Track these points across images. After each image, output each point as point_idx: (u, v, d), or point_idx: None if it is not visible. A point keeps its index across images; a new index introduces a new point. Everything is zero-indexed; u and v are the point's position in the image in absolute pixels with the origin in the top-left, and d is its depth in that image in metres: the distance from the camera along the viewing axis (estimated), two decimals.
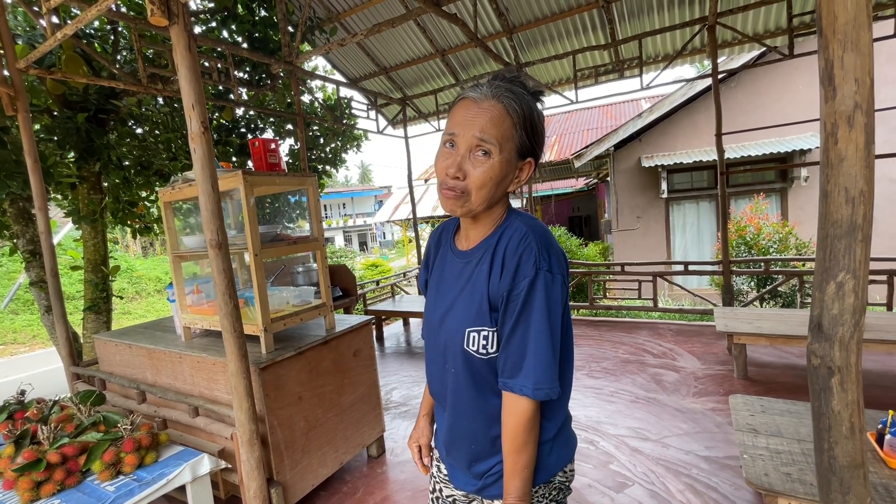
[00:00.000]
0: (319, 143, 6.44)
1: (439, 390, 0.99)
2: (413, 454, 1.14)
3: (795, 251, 5.38)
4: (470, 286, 0.90)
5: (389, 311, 5.14)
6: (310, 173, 2.35)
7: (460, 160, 0.84)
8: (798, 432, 1.84)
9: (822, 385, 0.81)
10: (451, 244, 1.00)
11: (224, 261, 1.72)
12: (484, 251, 0.89)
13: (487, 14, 4.76)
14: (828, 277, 0.78)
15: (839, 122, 0.75)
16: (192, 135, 1.67)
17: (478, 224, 0.92)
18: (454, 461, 1.00)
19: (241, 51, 3.91)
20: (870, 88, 0.74)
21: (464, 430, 0.95)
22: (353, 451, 2.44)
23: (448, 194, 0.85)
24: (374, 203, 34.52)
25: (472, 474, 0.96)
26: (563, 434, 0.95)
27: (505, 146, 0.83)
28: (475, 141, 0.82)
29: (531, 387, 0.81)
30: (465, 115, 0.83)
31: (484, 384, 0.90)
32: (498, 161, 0.83)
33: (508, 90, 0.83)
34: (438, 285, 0.99)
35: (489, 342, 0.86)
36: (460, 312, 0.90)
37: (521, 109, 0.83)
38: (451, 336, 0.91)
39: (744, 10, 4.01)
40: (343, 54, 5.77)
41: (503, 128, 0.82)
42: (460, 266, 0.94)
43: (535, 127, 0.86)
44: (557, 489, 0.94)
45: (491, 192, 0.85)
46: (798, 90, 6.76)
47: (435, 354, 0.98)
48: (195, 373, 2.20)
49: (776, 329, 3.08)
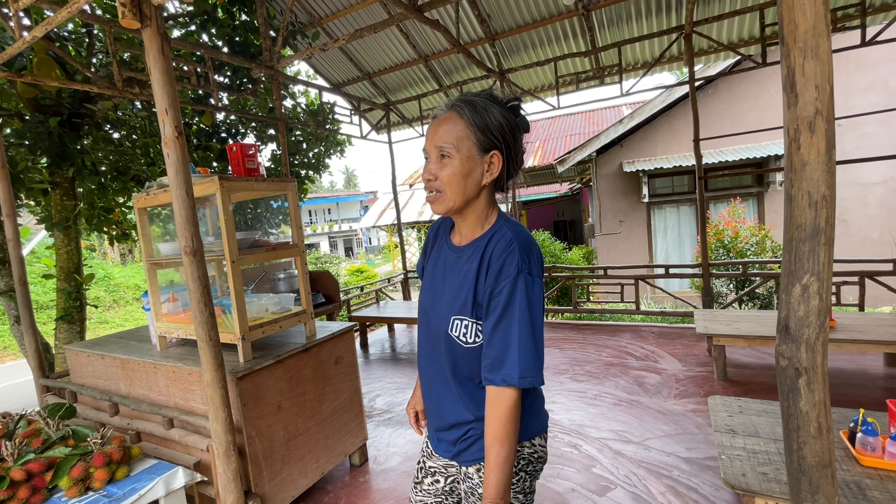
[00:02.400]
0: (302, 148, 6.39)
1: (426, 367, 1.11)
2: (410, 418, 1.29)
3: (772, 254, 5.51)
4: (460, 279, 1.01)
5: (374, 318, 5.10)
6: (289, 178, 2.32)
7: (431, 167, 0.99)
8: (774, 432, 1.88)
9: (790, 386, 0.82)
10: (448, 238, 1.11)
11: (199, 268, 1.68)
12: (474, 250, 1.00)
13: (469, 20, 4.80)
14: (793, 280, 0.80)
15: (801, 127, 0.77)
16: (165, 139, 1.63)
17: (467, 220, 1.03)
18: (434, 430, 1.13)
19: (220, 55, 3.85)
20: (830, 95, 0.75)
21: (441, 403, 1.08)
22: (335, 460, 2.40)
23: (430, 197, 1.01)
24: (359, 208, 34.34)
25: (448, 441, 1.08)
26: (533, 408, 1.05)
27: (461, 145, 0.96)
28: (437, 149, 0.97)
29: (517, 375, 0.89)
30: (430, 132, 1.00)
31: (461, 368, 1.01)
32: (458, 159, 0.96)
33: (461, 100, 0.97)
34: (433, 273, 1.11)
35: (469, 332, 0.98)
36: (449, 300, 1.02)
37: (472, 112, 0.96)
38: (439, 320, 1.03)
39: (718, 19, 4.12)
40: (326, 59, 5.74)
41: (457, 130, 0.96)
42: (453, 259, 1.06)
43: (489, 124, 0.96)
44: (526, 460, 1.03)
45: (460, 186, 0.97)
46: (772, 96, 6.96)
47: (425, 334, 1.10)
48: (170, 383, 2.14)
49: (754, 330, 3.14)
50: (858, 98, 6.48)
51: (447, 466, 1.15)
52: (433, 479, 1.17)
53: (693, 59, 4.31)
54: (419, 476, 1.21)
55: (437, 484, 1.16)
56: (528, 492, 1.04)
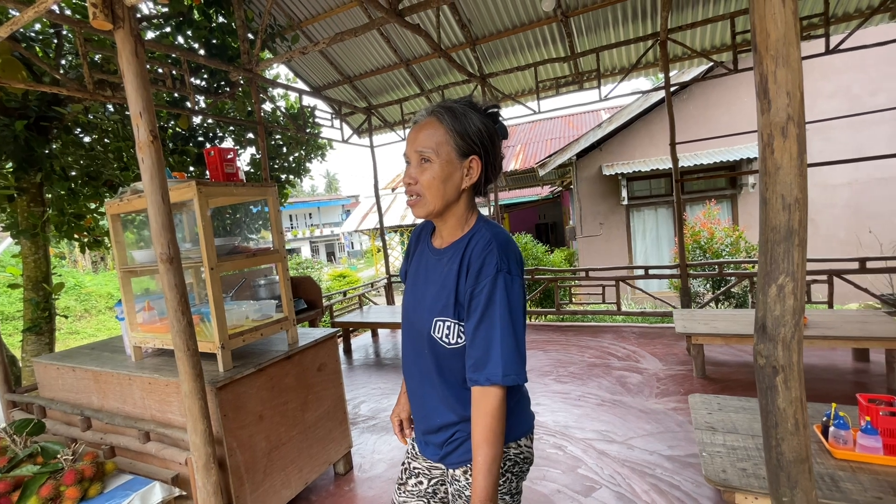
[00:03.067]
0: (282, 152, 6.30)
1: (411, 370, 1.11)
2: (394, 426, 1.30)
3: (746, 254, 5.68)
4: (441, 281, 1.02)
5: (357, 323, 5.05)
6: (270, 183, 2.29)
7: (412, 171, 1.01)
8: (752, 428, 1.92)
9: (767, 384, 0.84)
10: (429, 241, 1.13)
11: (176, 276, 1.63)
12: (454, 252, 1.02)
13: (450, 25, 4.82)
14: (769, 281, 0.82)
15: (774, 133, 0.79)
16: (139, 144, 1.58)
17: (447, 223, 1.04)
18: (421, 433, 1.13)
19: (197, 57, 3.78)
20: (800, 101, 0.78)
21: (427, 405, 1.08)
22: (319, 469, 2.36)
23: (410, 201, 1.02)
24: (341, 213, 34.03)
25: (435, 444, 1.09)
26: (518, 409, 1.06)
27: (441, 150, 0.98)
28: (417, 154, 0.99)
29: (500, 374, 0.90)
30: (410, 137, 1.02)
31: (445, 369, 1.02)
32: (438, 164, 0.98)
33: (441, 106, 0.99)
34: (416, 276, 1.12)
35: (451, 333, 0.99)
36: (430, 302, 1.03)
37: (451, 118, 0.98)
38: (422, 323, 1.04)
39: (692, 27, 4.24)
40: (306, 62, 5.69)
41: (436, 136, 0.98)
42: (434, 261, 1.07)
43: (468, 129, 0.98)
44: (512, 461, 1.04)
45: (440, 189, 0.98)
46: (744, 102, 7.19)
47: (409, 338, 1.11)
48: (146, 395, 2.07)
49: (730, 329, 3.23)
50: (824, 104, 6.76)
51: (431, 468, 1.16)
52: (417, 481, 1.18)
53: (668, 65, 4.42)
54: (403, 477, 1.22)
55: (420, 485, 1.17)
56: (514, 493, 1.05)
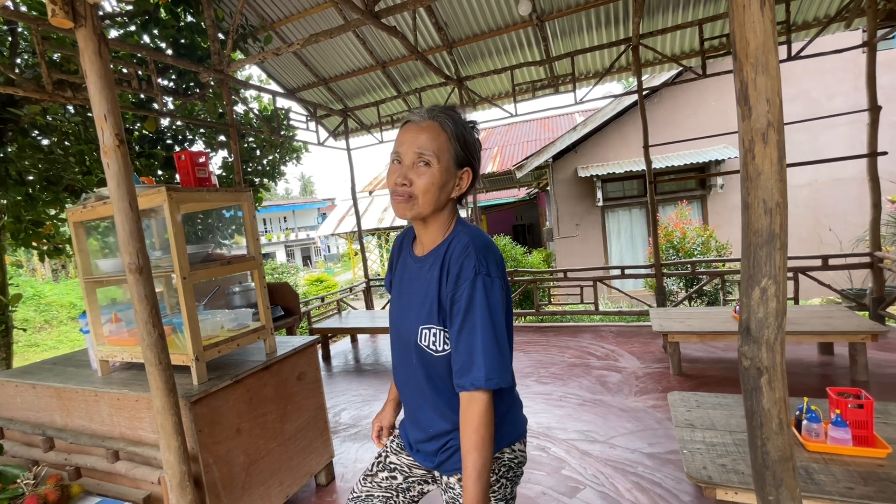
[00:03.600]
0: (256, 155, 6.15)
1: (402, 380, 1.11)
2: (373, 431, 1.31)
3: (716, 253, 5.87)
4: (424, 288, 1.01)
5: (336, 329, 4.96)
6: (244, 188, 2.22)
7: (405, 170, 0.98)
8: (729, 424, 1.97)
9: (752, 385, 0.85)
10: (410, 250, 1.12)
11: (145, 287, 1.56)
12: (435, 258, 1.01)
13: (427, 28, 4.81)
14: (752, 284, 0.83)
15: (755, 138, 0.81)
16: (105, 148, 1.50)
17: (429, 229, 1.04)
18: (416, 441, 1.12)
19: (164, 57, 3.65)
20: (779, 108, 0.80)
21: (419, 415, 1.09)
22: (301, 481, 2.29)
23: (398, 199, 0.98)
24: (317, 216, 33.53)
25: (429, 452, 1.08)
26: (511, 415, 1.06)
27: (442, 157, 0.97)
28: (416, 155, 0.97)
29: (483, 378, 0.89)
30: (407, 136, 0.99)
31: (435, 377, 1.02)
32: (437, 169, 0.96)
33: (443, 112, 1.00)
34: (400, 286, 1.12)
35: (438, 340, 0.98)
36: (415, 311, 1.02)
37: (454, 126, 0.98)
38: (409, 332, 1.04)
39: (662, 32, 4.36)
40: (280, 64, 5.57)
41: (439, 141, 0.97)
42: (416, 270, 1.06)
43: (468, 140, 1.00)
44: (507, 466, 1.04)
45: (435, 196, 0.97)
46: (711, 105, 7.45)
47: (398, 348, 1.11)
48: (115, 412, 1.97)
49: (705, 326, 3.32)
50: (785, 108, 7.05)
51: (412, 467, 1.16)
52: (390, 475, 1.18)
53: (640, 69, 4.53)
54: (374, 469, 1.21)
55: (392, 480, 1.17)
56: (509, 498, 1.05)
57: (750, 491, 1.57)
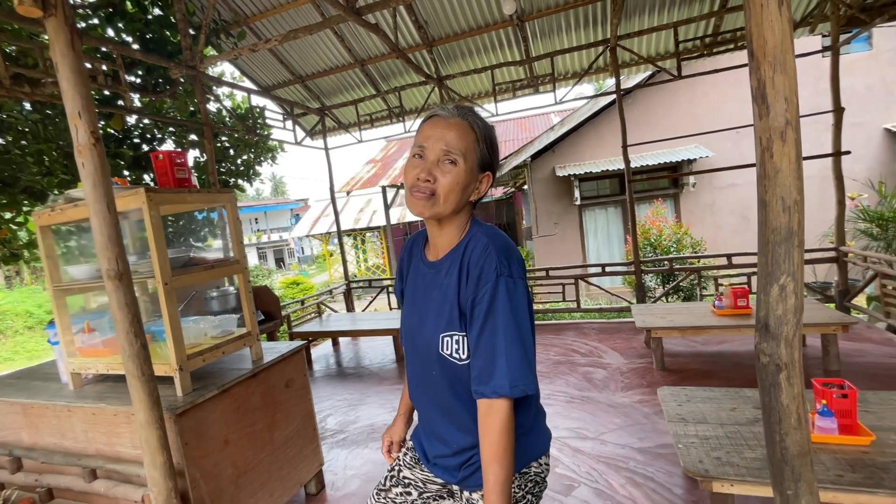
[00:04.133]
0: (230, 154, 5.96)
1: (419, 392, 1.06)
2: (383, 446, 1.26)
3: (691, 249, 6.05)
4: (441, 294, 0.97)
5: (318, 332, 4.85)
6: (226, 189, 2.12)
7: (429, 166, 0.92)
8: (719, 417, 2.02)
9: (771, 381, 0.86)
10: (422, 256, 1.07)
11: (126, 294, 1.46)
12: (451, 261, 0.97)
13: (407, 26, 4.76)
14: (771, 281, 0.84)
15: (773, 137, 0.81)
16: (79, 147, 1.40)
17: (444, 232, 0.99)
18: (436, 457, 1.07)
19: (133, 52, 3.46)
20: (796, 107, 0.81)
21: (440, 430, 1.03)
22: (291, 491, 2.22)
23: (419, 196, 0.92)
24: (289, 217, 32.85)
25: (451, 468, 1.03)
26: (537, 426, 1.02)
27: (468, 157, 0.93)
28: (443, 152, 0.92)
29: (507, 385, 0.85)
30: (435, 130, 0.93)
31: (459, 387, 0.96)
32: (463, 170, 0.92)
33: (470, 112, 0.96)
34: (413, 294, 1.06)
35: (461, 347, 0.93)
36: (434, 319, 0.97)
37: (482, 127, 0.96)
38: (428, 342, 0.98)
39: (639, 34, 4.45)
40: (254, 61, 5.40)
41: (467, 141, 0.93)
42: (431, 275, 1.01)
43: (493, 143, 0.98)
44: (533, 481, 1.00)
45: (457, 196, 0.93)
46: (683, 107, 7.67)
47: (415, 359, 1.05)
48: (90, 427, 1.85)
49: (686, 322, 3.40)
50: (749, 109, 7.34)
51: (427, 482, 1.12)
52: (404, 491, 1.13)
53: (619, 70, 4.61)
54: (387, 483, 1.17)
55: (406, 496, 1.13)
56: None
57: (745, 483, 1.61)
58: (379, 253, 15.39)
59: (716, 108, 7.64)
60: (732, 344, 3.92)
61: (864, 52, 7.48)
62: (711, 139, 7.27)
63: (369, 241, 15.55)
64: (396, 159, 12.22)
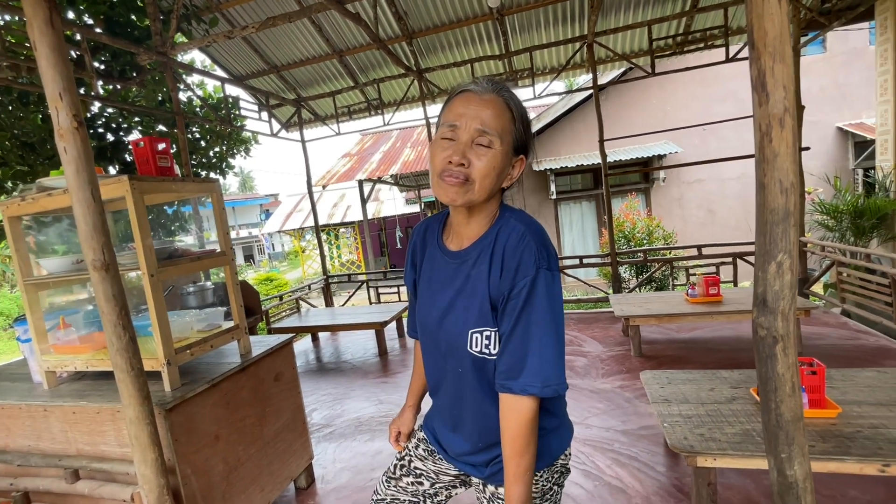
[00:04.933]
0: (201, 146, 5.75)
1: (441, 390, 1.01)
2: (391, 435, 1.21)
3: (663, 241, 6.28)
4: (469, 287, 0.90)
5: (297, 328, 4.77)
6: (212, 178, 2.06)
7: (463, 148, 0.84)
8: (699, 397, 2.12)
9: (768, 353, 0.92)
10: (440, 243, 0.99)
11: (114, 285, 1.41)
12: (480, 251, 0.90)
13: (387, 17, 4.71)
14: (769, 258, 0.89)
15: (773, 123, 0.86)
16: (61, 131, 1.34)
17: (472, 221, 0.92)
18: (459, 454, 1.02)
19: (100, 36, 3.29)
20: (793, 94, 0.86)
21: (470, 425, 0.97)
22: (281, 486, 2.19)
23: (451, 181, 0.84)
24: (259, 212, 31.98)
25: (478, 464, 0.99)
26: (565, 422, 1.01)
27: (505, 138, 0.85)
28: (478, 132, 0.84)
29: (539, 385, 0.82)
30: (468, 107, 0.85)
31: (488, 383, 0.91)
32: (501, 153, 0.85)
33: (506, 88, 0.88)
34: (430, 285, 0.99)
35: (492, 342, 0.88)
36: (461, 314, 0.90)
37: (517, 105, 0.88)
38: (453, 338, 0.92)
39: (615, 31, 4.56)
40: (227, 49, 5.22)
41: (504, 120, 0.85)
42: (454, 266, 0.94)
43: (528, 123, 0.91)
44: (559, 472, 0.99)
45: (493, 182, 0.86)
46: (653, 104, 7.92)
47: (435, 355, 0.99)
48: (70, 427, 1.77)
49: (662, 309, 3.54)
50: (717, 107, 7.66)
51: (440, 473, 1.10)
52: (415, 481, 1.11)
53: (595, 66, 4.72)
54: (397, 472, 1.14)
55: (419, 486, 1.11)
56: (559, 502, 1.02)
57: (726, 456, 1.70)
58: (353, 248, 15.22)
59: (684, 106, 7.93)
60: (703, 331, 4.11)
61: (818, 55, 7.92)
62: (680, 136, 7.55)
63: (343, 236, 15.35)
64: (372, 153, 12.09)
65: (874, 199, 4.66)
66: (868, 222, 4.64)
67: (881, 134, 5.01)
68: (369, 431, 2.95)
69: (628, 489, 2.10)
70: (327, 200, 15.44)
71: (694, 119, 7.38)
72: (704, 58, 4.97)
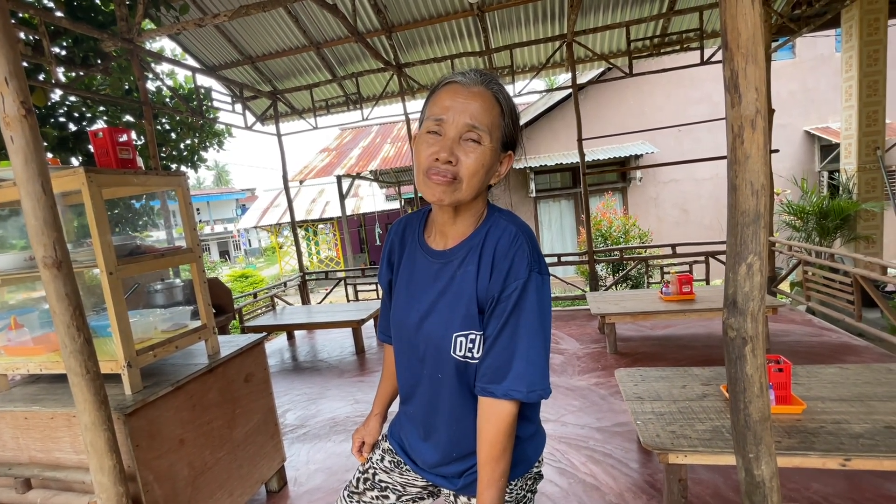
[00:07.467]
0: (171, 138, 5.56)
1: (418, 396, 0.96)
2: (353, 445, 1.15)
3: (639, 240, 6.39)
4: (454, 288, 0.86)
5: (272, 326, 4.66)
6: (178, 172, 1.97)
7: (450, 144, 0.80)
8: (672, 394, 2.15)
9: (737, 354, 0.92)
10: (421, 242, 0.95)
11: (67, 284, 1.33)
12: (468, 251, 0.86)
13: (365, 10, 4.63)
14: (739, 260, 0.89)
15: (744, 124, 0.86)
16: (6, 119, 1.25)
17: (458, 220, 0.88)
18: (430, 465, 0.98)
19: (60, 20, 3.12)
20: (765, 96, 0.86)
21: (445, 434, 0.93)
22: (252, 489, 2.13)
23: (438, 180, 0.80)
24: (234, 208, 31.27)
25: (450, 475, 0.95)
26: (540, 427, 0.99)
27: (494, 134, 0.82)
28: (466, 127, 0.79)
29: (524, 390, 0.80)
30: (455, 100, 0.80)
31: (468, 390, 0.89)
32: (489, 149, 0.81)
33: (494, 81, 0.84)
34: (409, 286, 0.94)
35: (476, 346, 0.85)
36: (444, 316, 0.87)
37: (506, 98, 0.84)
38: (434, 342, 0.88)
39: (594, 31, 4.60)
40: (198, 37, 5.04)
41: (493, 114, 0.81)
42: (437, 267, 0.90)
43: (517, 117, 0.87)
44: (533, 479, 0.97)
45: (481, 180, 0.82)
46: (630, 104, 8.04)
47: (412, 359, 0.94)
48: (21, 434, 1.67)
49: (637, 307, 3.60)
50: (694, 108, 7.83)
51: (406, 485, 1.05)
52: (381, 494, 1.06)
53: (574, 65, 4.74)
54: (360, 486, 1.08)
55: (384, 500, 1.06)
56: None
57: (697, 453, 1.73)
58: (332, 245, 15.02)
59: (660, 107, 8.08)
60: (676, 328, 4.19)
61: (787, 60, 8.18)
62: (656, 136, 7.70)
63: (321, 232, 15.13)
64: (351, 148, 11.92)
65: (838, 201, 4.85)
66: (832, 223, 4.82)
67: (845, 138, 5.21)
68: (344, 432, 2.90)
69: (602, 486, 2.12)
70: (305, 196, 15.18)
71: (670, 120, 7.53)
72: (680, 60, 5.07)
